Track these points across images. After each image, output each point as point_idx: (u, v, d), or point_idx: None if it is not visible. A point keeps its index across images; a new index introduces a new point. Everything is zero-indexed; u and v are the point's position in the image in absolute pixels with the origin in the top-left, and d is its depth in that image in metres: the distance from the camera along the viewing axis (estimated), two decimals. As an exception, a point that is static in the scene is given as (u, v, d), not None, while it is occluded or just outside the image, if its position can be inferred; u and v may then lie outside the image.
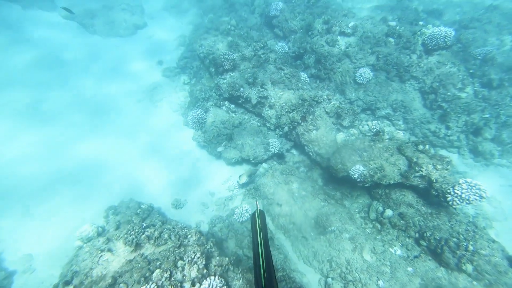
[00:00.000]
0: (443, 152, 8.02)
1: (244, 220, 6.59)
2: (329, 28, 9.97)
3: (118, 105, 10.20)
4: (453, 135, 7.74)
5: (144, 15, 14.33)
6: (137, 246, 4.46)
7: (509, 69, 8.19)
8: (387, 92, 8.69)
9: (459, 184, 4.82)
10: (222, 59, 8.72)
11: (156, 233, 4.57)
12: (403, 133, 7.68)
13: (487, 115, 7.65)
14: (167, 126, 9.70)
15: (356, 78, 8.89)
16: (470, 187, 4.70)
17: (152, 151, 8.84)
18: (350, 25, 9.57)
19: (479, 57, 7.93)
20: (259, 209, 2.54)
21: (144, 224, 5.05)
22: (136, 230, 4.57)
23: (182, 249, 4.46)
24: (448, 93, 7.65)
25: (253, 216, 2.48)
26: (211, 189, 7.93)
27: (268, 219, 6.82)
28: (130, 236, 4.44)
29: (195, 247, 4.52)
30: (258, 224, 2.30)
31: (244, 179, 7.06)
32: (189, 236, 4.69)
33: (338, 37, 9.72)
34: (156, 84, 11.19)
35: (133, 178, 8.04)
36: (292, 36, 11.13)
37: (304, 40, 10.49)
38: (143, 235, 4.53)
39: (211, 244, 4.80)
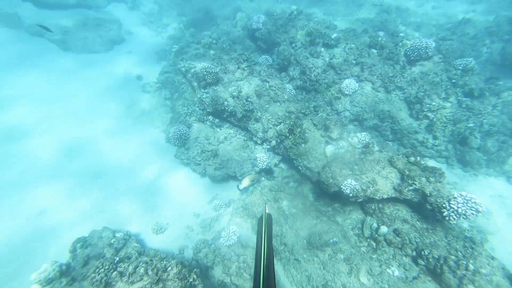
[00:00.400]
0: (432, 162, 7.94)
1: (231, 243, 6.09)
2: (312, 40, 9.93)
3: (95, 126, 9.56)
4: (441, 145, 7.69)
5: (122, 30, 13.87)
6: (108, 286, 3.86)
7: (487, 79, 8.35)
8: (374, 102, 8.62)
9: (454, 198, 4.61)
10: (205, 73, 8.39)
11: (130, 268, 3.99)
12: (391, 143, 7.53)
13: (471, 125, 7.67)
14: (147, 144, 9.14)
15: (342, 89, 8.79)
16: (465, 201, 4.50)
17: (130, 171, 8.23)
18: (333, 36, 9.57)
19: (460, 68, 8.03)
20: (267, 213, 2.61)
21: (117, 258, 4.45)
22: (106, 267, 3.98)
23: (160, 285, 3.91)
24: (433, 103, 7.63)
25: (260, 219, 2.55)
26: (196, 209, 7.39)
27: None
28: (98, 275, 3.83)
29: (175, 281, 3.99)
30: (264, 227, 2.35)
31: (246, 183, 6.51)
32: (169, 269, 4.15)
33: (322, 49, 9.68)
34: (135, 101, 10.66)
35: (109, 202, 7.37)
36: (276, 49, 11.00)
37: (288, 52, 10.39)
38: (115, 272, 3.94)
39: (194, 277, 4.28)
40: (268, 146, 7.87)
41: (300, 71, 9.67)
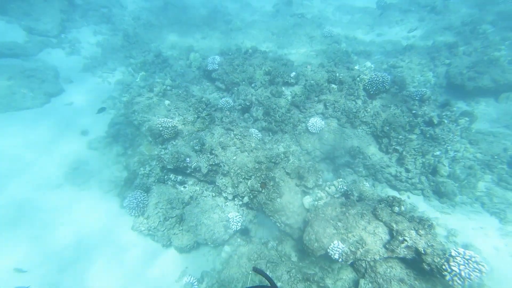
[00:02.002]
0: (408, 194, 7.80)
1: None
2: (272, 79, 9.70)
3: (29, 199, 7.94)
4: (414, 177, 7.59)
5: (60, 80, 12.38)
6: None
7: (443, 105, 8.69)
8: (342, 139, 8.42)
9: (453, 257, 4.23)
10: (161, 128, 7.51)
11: None
12: (368, 184, 7.24)
13: (437, 153, 7.74)
14: (98, 215, 7.76)
15: (309, 128, 8.50)
16: (466, 262, 4.14)
17: (79, 253, 6.79)
18: (292, 75, 9.42)
19: (417, 98, 8.24)
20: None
21: None
22: None
23: None
24: (400, 136, 7.60)
25: None
26: (163, 293, 6.19)
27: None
28: None
29: None
30: None
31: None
32: None
33: (283, 88, 9.45)
34: (80, 161, 9.24)
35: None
36: (236, 88, 10.58)
37: (248, 92, 10.01)
38: None
39: None
40: (241, 202, 7.09)
41: (264, 112, 9.26)
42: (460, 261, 4.15)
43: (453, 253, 4.28)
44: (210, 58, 11.27)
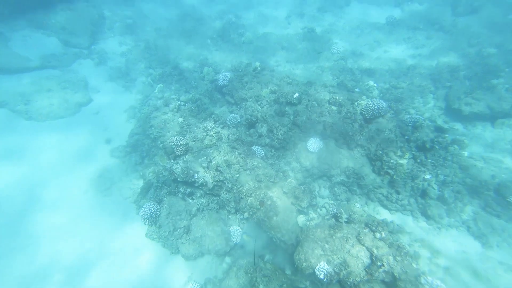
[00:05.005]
0: (398, 215, 8.37)
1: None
2: (276, 99, 10.41)
3: (59, 200, 9.12)
4: (404, 199, 8.17)
5: (88, 90, 13.66)
6: None
7: (436, 129, 9.16)
8: (338, 159, 9.07)
9: (422, 284, 4.88)
10: (173, 146, 8.44)
11: None
12: (359, 205, 7.88)
13: (428, 176, 8.26)
14: (117, 219, 8.81)
15: (308, 147, 9.18)
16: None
17: (101, 253, 7.85)
18: (295, 96, 10.11)
19: (410, 125, 8.76)
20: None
21: None
22: None
23: None
24: (391, 161, 8.18)
25: None
26: (171, 296, 7.12)
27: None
28: None
29: None
30: None
31: None
32: None
33: (286, 108, 10.16)
34: (104, 169, 10.35)
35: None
36: (244, 103, 11.37)
37: (255, 108, 10.78)
38: None
39: None
40: (242, 217, 7.92)
41: (268, 129, 9.99)
42: None
43: (422, 281, 4.94)
44: (221, 75, 12.11)
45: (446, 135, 8.61)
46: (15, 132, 11.10)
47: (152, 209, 7.87)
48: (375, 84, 12.28)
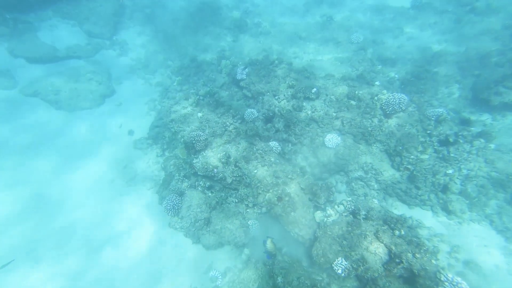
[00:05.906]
0: (417, 210, 8.29)
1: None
2: (294, 94, 10.35)
3: (87, 189, 9.83)
4: (424, 195, 8.05)
5: (112, 81, 14.14)
6: None
7: (461, 122, 8.82)
8: (356, 155, 9.01)
9: (442, 281, 4.93)
10: (193, 141, 8.72)
11: None
12: (377, 200, 7.87)
13: (450, 171, 8.07)
14: (141, 209, 9.36)
15: (326, 143, 9.17)
16: (453, 287, 4.81)
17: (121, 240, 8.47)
18: (313, 91, 10.00)
19: (433, 119, 8.49)
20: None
21: None
22: None
23: None
24: (412, 156, 8.04)
25: None
26: (193, 282, 7.59)
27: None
28: None
29: None
30: None
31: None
32: None
33: (304, 103, 10.10)
34: (128, 159, 10.90)
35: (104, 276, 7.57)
36: (261, 97, 11.41)
37: (272, 103, 10.80)
38: None
39: None
40: (259, 211, 8.16)
41: (285, 124, 10.02)
42: (447, 286, 4.86)
43: (442, 278, 4.99)
44: (239, 69, 12.14)
45: (472, 128, 8.28)
46: (50, 121, 11.90)
47: (174, 201, 8.29)
48: (396, 76, 11.86)
